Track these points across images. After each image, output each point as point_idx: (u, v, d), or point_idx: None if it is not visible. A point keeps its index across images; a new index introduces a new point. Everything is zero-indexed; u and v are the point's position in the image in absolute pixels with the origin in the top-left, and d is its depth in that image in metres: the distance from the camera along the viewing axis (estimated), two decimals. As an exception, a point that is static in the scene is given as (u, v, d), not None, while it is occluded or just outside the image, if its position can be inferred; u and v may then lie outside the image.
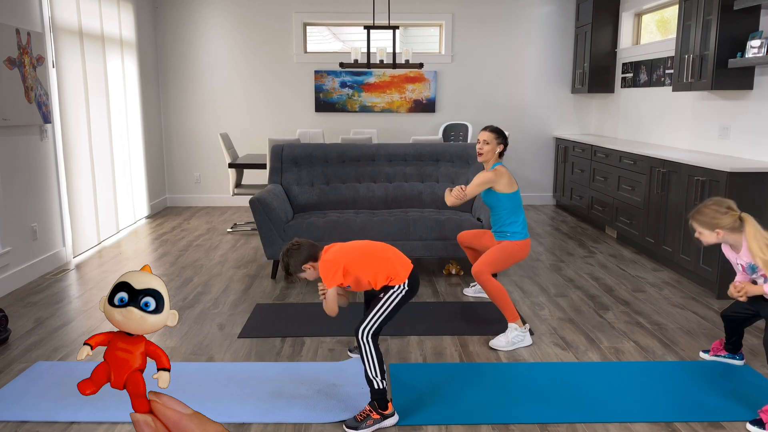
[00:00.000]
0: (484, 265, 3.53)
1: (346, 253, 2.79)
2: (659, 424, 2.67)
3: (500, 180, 3.56)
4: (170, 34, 7.67)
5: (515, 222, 3.62)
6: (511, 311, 3.49)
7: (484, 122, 7.90)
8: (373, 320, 2.71)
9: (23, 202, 4.67)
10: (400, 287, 2.77)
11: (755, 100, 4.69)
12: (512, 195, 3.61)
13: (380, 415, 2.62)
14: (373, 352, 2.65)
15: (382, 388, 2.63)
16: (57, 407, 2.79)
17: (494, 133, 3.63)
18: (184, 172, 7.98)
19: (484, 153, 3.63)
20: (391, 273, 2.78)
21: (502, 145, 3.65)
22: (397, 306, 2.76)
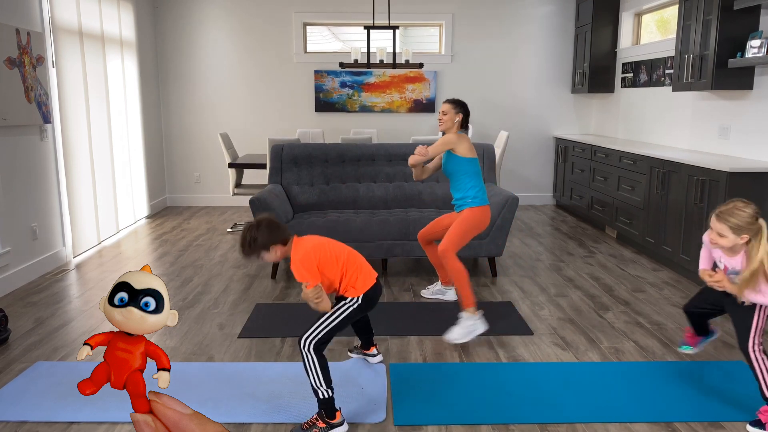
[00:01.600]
0: (449, 243, 3.55)
1: (319, 249, 2.70)
2: (659, 424, 2.67)
3: (462, 143, 3.60)
4: (170, 34, 7.67)
5: (475, 187, 3.66)
6: (468, 297, 3.50)
7: (484, 122, 7.90)
8: (318, 330, 2.63)
9: (23, 202, 4.67)
10: (354, 300, 2.72)
11: (755, 100, 4.69)
12: (473, 160, 3.65)
13: (326, 424, 2.57)
14: (316, 362, 2.57)
15: (328, 398, 2.57)
16: (57, 407, 2.79)
17: (451, 104, 3.68)
18: (184, 172, 7.98)
19: (443, 122, 3.68)
20: (352, 282, 2.72)
21: (460, 114, 3.68)
22: (346, 318, 2.69)
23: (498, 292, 4.46)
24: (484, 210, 3.68)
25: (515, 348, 3.46)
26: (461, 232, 3.64)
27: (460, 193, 3.70)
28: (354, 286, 2.73)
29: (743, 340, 2.62)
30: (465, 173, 3.66)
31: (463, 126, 3.73)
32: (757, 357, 2.58)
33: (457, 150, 3.62)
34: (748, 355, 2.60)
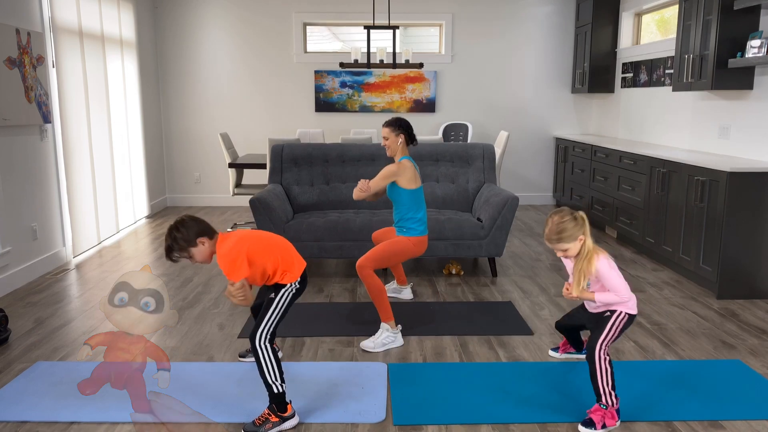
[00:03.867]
0: (368, 260, 3.53)
1: (246, 240, 2.64)
2: (659, 423, 2.67)
3: (403, 174, 3.57)
4: (170, 34, 7.67)
5: (413, 218, 3.64)
6: (386, 311, 3.49)
7: (484, 122, 7.90)
8: (268, 323, 2.66)
9: (23, 202, 4.67)
10: (292, 286, 2.74)
11: (755, 100, 4.69)
12: (413, 191, 3.62)
13: (279, 418, 2.58)
14: (271, 356, 2.59)
15: (281, 392, 2.58)
16: (57, 407, 2.79)
17: (389, 127, 3.64)
18: (184, 172, 7.98)
19: (388, 147, 3.66)
20: (288, 267, 2.73)
21: (402, 135, 3.63)
22: (288, 305, 2.73)
23: (498, 292, 4.46)
24: (418, 241, 3.66)
25: (515, 348, 3.46)
26: (387, 255, 3.60)
27: (399, 221, 3.69)
28: (290, 270, 2.74)
29: (594, 339, 2.66)
30: (404, 204, 3.65)
31: (411, 142, 3.69)
32: (601, 357, 2.62)
33: (399, 182, 3.59)
34: (593, 354, 2.63)
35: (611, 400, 2.60)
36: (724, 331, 3.71)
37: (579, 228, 2.66)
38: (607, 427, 2.59)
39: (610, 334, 2.68)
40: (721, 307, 4.15)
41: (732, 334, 3.66)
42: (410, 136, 3.69)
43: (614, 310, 2.72)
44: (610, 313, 2.72)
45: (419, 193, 3.66)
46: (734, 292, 4.29)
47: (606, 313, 2.73)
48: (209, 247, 2.60)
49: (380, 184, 3.58)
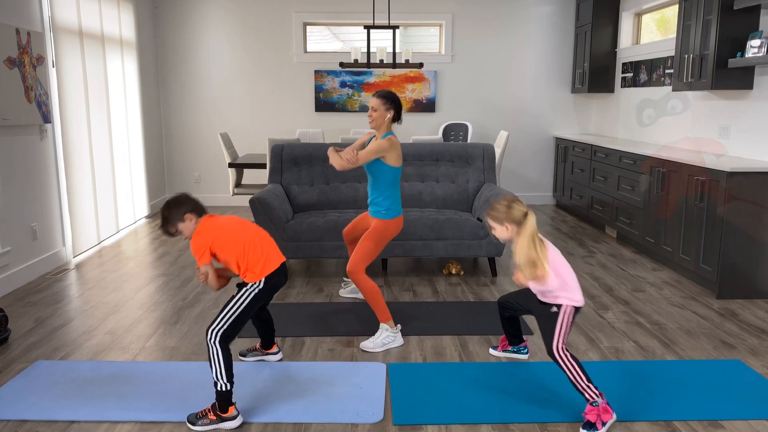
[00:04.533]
0: (357, 263, 3.47)
1: (215, 231, 2.74)
2: (659, 423, 2.67)
3: (393, 151, 3.44)
4: (170, 34, 7.67)
5: (391, 197, 3.53)
6: (383, 311, 3.47)
7: (484, 122, 7.90)
8: (223, 321, 2.66)
9: (23, 202, 4.67)
10: (253, 286, 2.73)
11: (755, 100, 4.69)
12: (397, 170, 3.51)
13: (217, 417, 2.60)
14: (220, 354, 2.60)
15: (225, 391, 2.60)
16: (57, 406, 2.79)
17: (381, 99, 3.45)
18: (184, 171, 7.98)
19: (374, 119, 3.48)
20: (251, 266, 2.73)
21: (392, 111, 3.47)
22: (249, 306, 2.72)
23: (498, 292, 4.46)
24: (398, 221, 3.58)
25: (515, 348, 3.46)
26: (372, 247, 3.53)
27: (376, 198, 3.56)
28: (253, 270, 2.74)
29: (548, 343, 2.69)
30: (385, 180, 3.51)
31: (395, 121, 3.54)
32: (562, 357, 2.64)
33: (386, 158, 3.44)
34: (555, 357, 2.66)
35: (595, 395, 2.59)
36: (724, 331, 3.71)
37: (508, 217, 2.69)
38: (606, 423, 2.58)
39: (562, 333, 2.69)
40: (721, 307, 4.15)
41: (732, 334, 3.66)
42: (398, 114, 3.52)
43: (560, 306, 2.72)
44: (557, 309, 2.73)
45: (399, 172, 3.56)
46: (734, 292, 4.29)
47: (553, 308, 2.74)
48: (196, 225, 2.77)
49: (370, 158, 3.41)
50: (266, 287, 2.78)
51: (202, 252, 2.70)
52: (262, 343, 3.28)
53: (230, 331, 2.68)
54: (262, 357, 3.29)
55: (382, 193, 3.53)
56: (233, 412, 2.63)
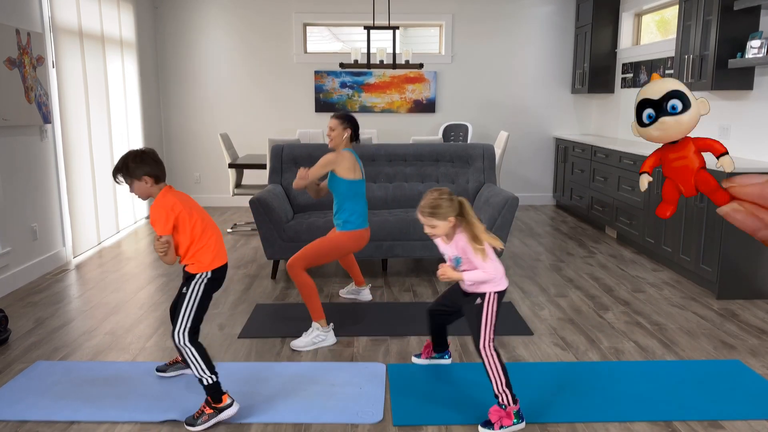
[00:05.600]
0: (298, 259, 3.47)
1: (184, 205, 2.67)
2: (659, 423, 2.67)
3: (341, 163, 3.49)
4: (170, 34, 7.67)
5: (350, 210, 3.55)
6: (317, 310, 3.48)
7: (484, 122, 7.90)
8: (185, 322, 2.65)
9: (23, 202, 4.67)
10: (203, 275, 2.71)
11: (755, 100, 4.69)
12: (353, 182, 3.53)
13: (214, 409, 2.61)
14: (195, 353, 2.61)
15: (213, 383, 2.61)
16: (57, 407, 2.79)
17: (338, 120, 3.56)
18: (184, 172, 7.98)
19: (333, 139, 3.56)
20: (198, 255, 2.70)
21: (348, 130, 3.55)
22: (203, 296, 2.70)
23: (498, 292, 4.46)
24: (356, 236, 3.58)
25: (515, 348, 3.46)
26: (320, 252, 3.53)
27: (337, 212, 3.61)
28: (200, 260, 2.71)
29: (476, 339, 2.66)
30: (341, 194, 3.56)
31: (354, 140, 3.63)
32: (488, 354, 2.61)
33: (337, 171, 3.51)
34: (480, 354, 2.63)
35: (508, 400, 2.58)
36: (724, 332, 3.71)
37: (452, 209, 2.67)
38: (504, 427, 2.57)
39: (488, 324, 2.66)
40: (720, 307, 4.15)
41: (732, 335, 3.66)
42: (355, 134, 3.61)
43: (484, 295, 2.69)
44: (481, 300, 2.69)
45: (359, 185, 3.57)
46: (734, 293, 4.29)
47: (477, 300, 2.71)
48: (150, 189, 2.68)
49: (319, 172, 3.49)
50: (212, 283, 2.74)
51: (166, 221, 2.62)
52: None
53: (194, 327, 2.67)
54: (183, 371, 3.12)
55: (341, 206, 3.59)
56: (228, 400, 2.64)
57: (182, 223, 2.66)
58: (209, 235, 2.73)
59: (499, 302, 2.70)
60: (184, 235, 2.68)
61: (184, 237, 2.68)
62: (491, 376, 2.60)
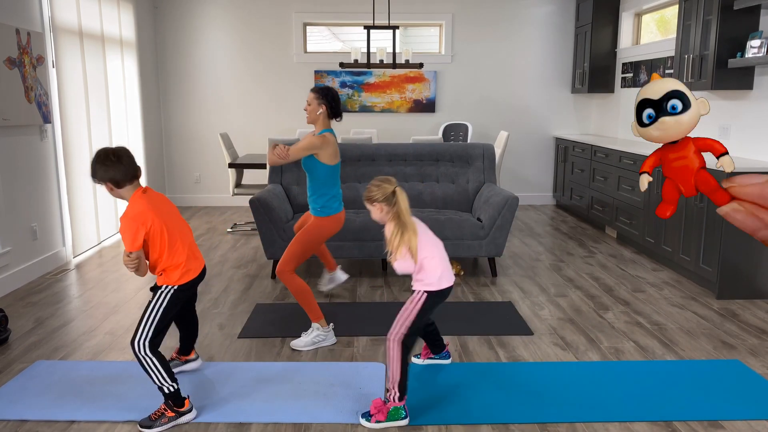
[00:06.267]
0: (286, 263, 3.42)
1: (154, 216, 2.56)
2: (659, 423, 2.67)
3: (326, 148, 3.36)
4: (170, 34, 7.67)
5: (328, 195, 3.48)
6: (314, 311, 3.46)
7: (484, 122, 7.90)
8: (144, 330, 2.59)
9: (23, 202, 4.67)
10: (167, 289, 2.65)
11: (755, 100, 4.69)
12: (332, 167, 3.45)
13: (175, 413, 2.61)
14: (155, 362, 2.57)
15: (173, 391, 2.59)
16: (57, 406, 2.79)
17: (315, 93, 3.40)
18: (184, 172, 7.98)
19: (308, 113, 3.44)
20: (172, 269, 2.65)
21: (323, 105, 3.39)
22: (167, 310, 2.64)
23: (498, 292, 4.46)
24: (333, 219, 3.52)
25: (515, 348, 3.46)
26: (304, 248, 3.48)
27: (312, 197, 3.53)
28: (168, 276, 2.66)
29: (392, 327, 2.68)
30: (319, 178, 3.46)
31: (333, 116, 3.46)
32: (393, 347, 2.64)
33: (320, 156, 3.38)
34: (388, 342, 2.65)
35: (393, 395, 2.62)
36: (724, 331, 3.71)
37: (382, 197, 2.70)
38: (378, 421, 2.61)
39: (404, 317, 2.68)
40: (720, 307, 4.15)
41: (732, 334, 3.66)
42: (333, 110, 3.43)
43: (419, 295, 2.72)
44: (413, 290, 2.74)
45: (337, 169, 3.49)
46: (734, 292, 4.29)
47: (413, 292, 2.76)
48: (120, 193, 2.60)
49: (301, 155, 3.37)
50: (179, 296, 2.69)
51: (136, 236, 2.52)
52: (180, 348, 3.11)
53: (155, 338, 2.62)
54: (181, 367, 3.13)
55: (318, 190, 3.48)
56: (189, 405, 2.65)
57: (152, 239, 2.58)
58: (178, 251, 2.65)
59: (428, 303, 2.71)
60: (153, 250, 2.61)
61: (153, 252, 2.61)
62: (390, 366, 2.64)
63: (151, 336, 2.60)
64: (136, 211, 2.55)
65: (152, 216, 2.56)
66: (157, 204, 2.63)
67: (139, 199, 2.59)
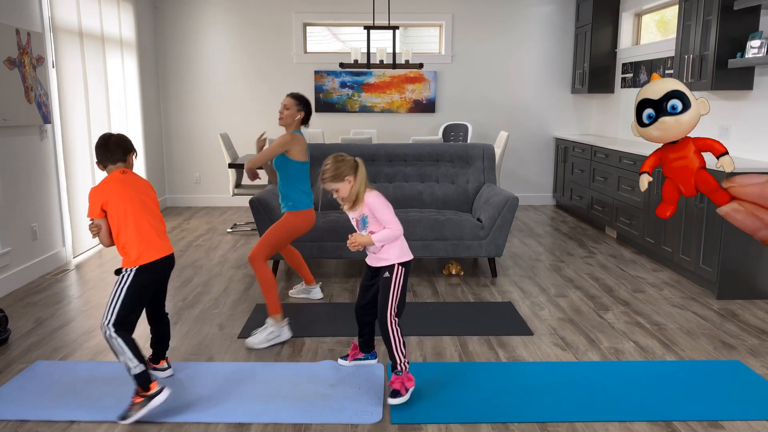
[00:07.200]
0: (258, 250, 3.51)
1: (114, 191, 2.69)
2: (659, 423, 2.67)
3: (296, 145, 3.57)
4: (170, 34, 7.67)
5: (299, 191, 3.63)
6: (274, 305, 3.49)
7: (484, 122, 7.90)
8: (110, 312, 2.63)
9: (23, 202, 4.67)
10: (128, 272, 2.68)
11: (755, 100, 4.69)
12: (302, 164, 3.63)
13: (143, 397, 2.62)
14: (121, 342, 2.60)
15: (140, 372, 2.61)
16: (57, 406, 2.79)
17: (295, 99, 3.62)
18: (184, 172, 7.98)
19: (284, 117, 3.61)
20: (126, 248, 2.68)
21: (302, 112, 3.62)
22: (128, 295, 2.66)
23: (498, 292, 4.46)
24: (304, 214, 3.66)
25: (515, 348, 3.46)
26: (277, 237, 3.60)
27: (285, 191, 3.67)
28: (126, 253, 2.70)
29: (383, 312, 2.81)
30: (291, 175, 3.63)
31: (305, 122, 3.68)
32: (394, 329, 2.81)
33: (290, 153, 3.57)
34: (386, 325, 2.79)
35: (405, 365, 2.79)
36: (724, 332, 3.71)
37: (349, 169, 2.79)
38: (409, 389, 2.77)
39: (395, 297, 2.80)
40: (720, 307, 4.15)
41: (732, 335, 3.66)
42: (307, 117, 3.67)
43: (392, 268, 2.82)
44: (389, 273, 2.82)
45: (307, 167, 3.67)
46: (734, 293, 4.29)
47: (385, 274, 2.83)
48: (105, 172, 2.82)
49: (275, 152, 3.56)
50: (140, 278, 2.70)
51: (94, 205, 2.69)
52: (152, 354, 3.08)
53: (122, 320, 2.64)
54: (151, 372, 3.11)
55: (291, 186, 3.64)
56: (156, 387, 2.65)
57: (108, 211, 2.71)
58: (135, 229, 2.70)
59: (406, 274, 2.85)
60: (112, 223, 2.72)
61: (113, 225, 2.72)
62: (393, 344, 2.78)
63: (116, 318, 2.63)
64: (102, 183, 2.72)
65: (114, 191, 2.70)
66: (128, 183, 2.76)
67: (113, 176, 2.76)
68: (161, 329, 3.05)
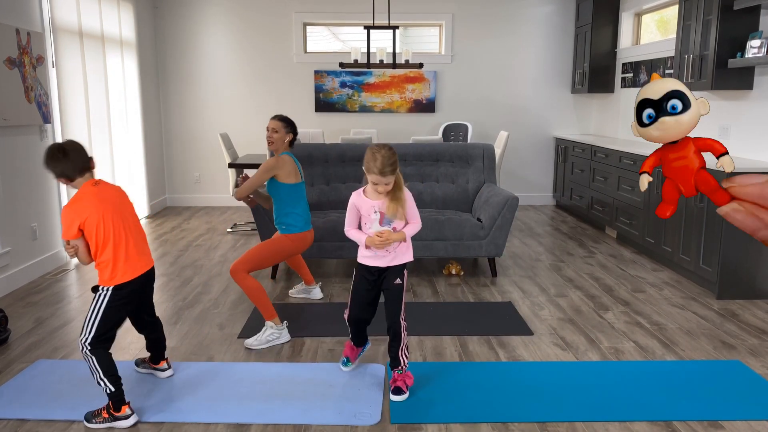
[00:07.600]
0: (241, 263, 3.48)
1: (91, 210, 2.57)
2: (659, 423, 2.67)
3: (283, 168, 3.55)
4: (170, 34, 7.67)
5: (292, 213, 3.61)
6: (268, 310, 3.48)
7: (484, 122, 7.90)
8: (87, 330, 2.60)
9: (23, 202, 4.67)
10: (104, 291, 2.63)
11: (755, 100, 4.69)
12: (293, 186, 3.60)
13: (110, 415, 2.61)
14: (95, 362, 2.58)
15: (111, 392, 2.59)
16: (57, 406, 2.79)
17: (282, 122, 3.62)
18: (184, 172, 7.98)
19: (275, 141, 3.62)
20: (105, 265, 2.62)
21: (290, 135, 3.65)
22: (106, 311, 2.61)
23: (498, 292, 4.46)
24: (297, 238, 3.63)
25: (515, 348, 3.46)
26: (262, 256, 3.56)
27: (278, 216, 3.65)
28: (102, 273, 2.65)
29: (397, 319, 2.83)
30: (281, 199, 3.61)
31: (292, 144, 3.70)
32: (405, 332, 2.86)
33: (278, 177, 3.57)
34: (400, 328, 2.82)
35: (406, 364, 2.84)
36: (724, 332, 3.71)
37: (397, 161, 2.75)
38: (409, 387, 2.84)
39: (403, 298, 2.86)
40: (721, 307, 4.15)
41: (732, 335, 3.66)
42: (294, 139, 3.70)
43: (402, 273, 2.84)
44: (400, 280, 2.85)
45: (299, 188, 3.64)
46: (734, 293, 4.29)
47: (396, 281, 2.84)
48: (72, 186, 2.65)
49: (262, 178, 3.56)
50: (118, 296, 2.65)
51: (70, 226, 2.56)
52: (150, 356, 3.09)
53: (99, 338, 2.60)
54: (151, 371, 3.12)
55: (282, 210, 3.64)
56: (126, 411, 2.63)
57: (86, 230, 2.60)
58: (114, 248, 2.62)
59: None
60: (91, 242, 2.62)
61: (91, 244, 2.63)
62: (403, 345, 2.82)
63: (93, 336, 2.59)
64: (75, 201, 2.59)
65: (91, 208, 2.58)
66: (104, 197, 2.64)
67: (86, 190, 2.62)
68: (153, 335, 3.02)
